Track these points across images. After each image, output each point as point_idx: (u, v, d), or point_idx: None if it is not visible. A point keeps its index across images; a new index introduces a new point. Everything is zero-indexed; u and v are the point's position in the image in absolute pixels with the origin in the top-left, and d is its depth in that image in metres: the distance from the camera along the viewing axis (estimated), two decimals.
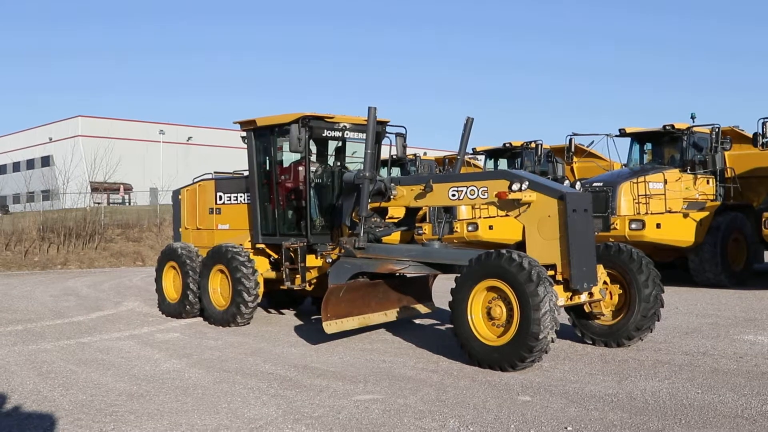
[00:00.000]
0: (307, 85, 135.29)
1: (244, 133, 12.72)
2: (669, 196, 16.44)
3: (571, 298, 8.99)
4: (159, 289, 14.03)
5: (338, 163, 12.69)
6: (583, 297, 9.11)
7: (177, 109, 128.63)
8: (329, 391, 7.68)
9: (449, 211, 18.69)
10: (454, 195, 9.91)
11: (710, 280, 16.40)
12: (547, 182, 9.62)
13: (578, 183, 17.31)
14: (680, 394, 7.17)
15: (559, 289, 8.66)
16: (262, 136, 12.51)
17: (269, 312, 14.22)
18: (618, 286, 9.65)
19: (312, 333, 11.32)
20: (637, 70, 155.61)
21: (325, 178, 12.43)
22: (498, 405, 6.98)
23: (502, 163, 22.64)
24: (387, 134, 12.48)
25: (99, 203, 45.11)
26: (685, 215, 16.30)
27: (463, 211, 19.81)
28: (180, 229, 14.59)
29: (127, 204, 58.85)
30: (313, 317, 13.26)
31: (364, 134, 10.86)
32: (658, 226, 16.01)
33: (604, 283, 9.41)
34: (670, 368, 8.36)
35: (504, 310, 8.45)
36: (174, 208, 15.02)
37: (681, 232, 16.22)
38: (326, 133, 12.09)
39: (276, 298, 14.36)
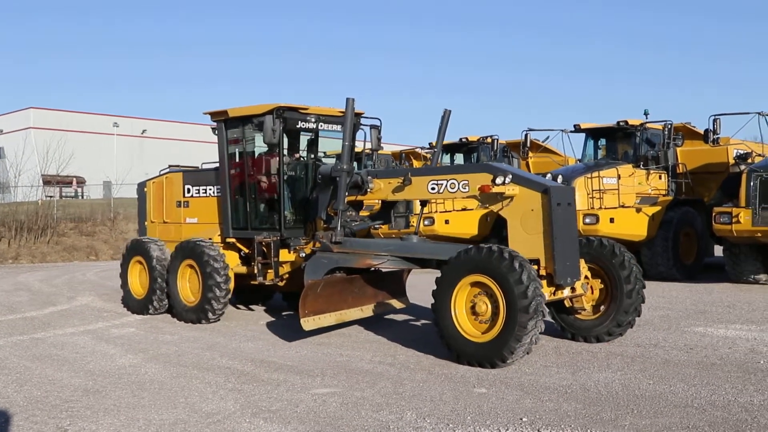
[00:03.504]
0: (266, 79, 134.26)
1: (215, 124, 12.42)
2: (622, 191, 16.72)
3: (554, 293, 8.88)
4: (124, 285, 13.55)
5: (312, 156, 12.48)
6: (566, 292, 9.04)
7: (131, 102, 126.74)
8: (287, 385, 7.70)
9: (407, 206, 18.70)
10: (433, 188, 9.65)
11: (662, 274, 16.70)
12: (530, 176, 9.51)
13: (549, 175, 17.50)
14: (632, 385, 7.32)
15: (542, 284, 8.53)
16: (233, 128, 12.26)
17: (238, 308, 13.97)
18: (599, 280, 9.55)
19: (277, 327, 11.33)
20: (592, 65, 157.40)
21: (298, 171, 12.20)
22: (454, 397, 7.06)
23: (459, 158, 22.73)
24: (362, 126, 12.20)
25: (51, 197, 44.18)
26: (638, 210, 16.60)
27: (419, 205, 19.82)
28: (145, 223, 14.18)
29: (80, 197, 57.87)
30: (284, 312, 13.19)
31: (336, 126, 10.58)
32: (612, 220, 16.27)
33: (586, 277, 9.33)
34: (622, 360, 8.52)
35: (489, 306, 8.33)
36: (139, 201, 14.51)
37: (634, 226, 16.51)
38: (299, 124, 11.86)
39: (243, 293, 13.91)
